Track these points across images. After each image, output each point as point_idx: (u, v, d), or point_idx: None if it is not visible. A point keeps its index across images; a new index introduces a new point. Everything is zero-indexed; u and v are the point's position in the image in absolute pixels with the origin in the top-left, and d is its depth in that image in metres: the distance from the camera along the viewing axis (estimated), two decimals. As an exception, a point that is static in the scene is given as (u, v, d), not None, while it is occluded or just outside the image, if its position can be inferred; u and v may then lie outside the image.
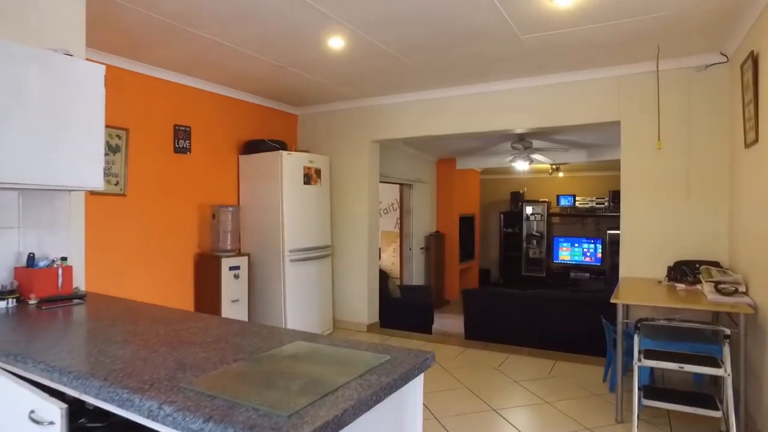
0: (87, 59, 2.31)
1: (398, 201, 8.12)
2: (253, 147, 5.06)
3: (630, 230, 4.16)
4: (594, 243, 9.58)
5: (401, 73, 4.38)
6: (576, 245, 9.76)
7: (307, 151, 5.28)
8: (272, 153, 4.84)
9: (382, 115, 5.32)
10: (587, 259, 9.64)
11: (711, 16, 3.11)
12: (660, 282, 3.76)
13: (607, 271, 9.09)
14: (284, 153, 4.78)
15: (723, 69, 3.73)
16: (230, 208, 4.68)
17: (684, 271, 3.64)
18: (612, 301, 3.09)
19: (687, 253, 3.89)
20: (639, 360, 2.82)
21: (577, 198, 9.67)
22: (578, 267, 9.67)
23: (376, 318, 5.61)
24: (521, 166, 7.05)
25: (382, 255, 9.98)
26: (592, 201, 9.49)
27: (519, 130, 4.91)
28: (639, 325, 2.86)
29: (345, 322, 5.54)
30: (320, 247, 5.15)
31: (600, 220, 9.61)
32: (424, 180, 8.34)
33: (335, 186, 5.58)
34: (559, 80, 4.37)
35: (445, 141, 7.11)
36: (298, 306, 4.89)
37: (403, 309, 6.03)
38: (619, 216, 9.25)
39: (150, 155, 4.25)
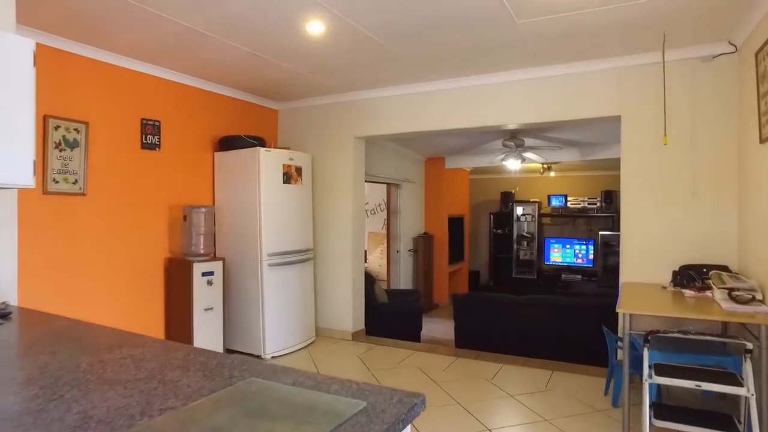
0: (39, 44, 1.97)
1: (385, 201, 7.82)
2: (229, 143, 4.71)
3: (631, 232, 3.89)
4: (586, 244, 9.36)
5: (386, 64, 4.07)
6: (567, 246, 9.53)
7: (287, 149, 4.95)
8: (249, 150, 4.50)
9: (367, 110, 5.01)
10: (579, 260, 9.41)
11: (721, 1, 2.86)
12: (665, 288, 3.50)
13: (599, 273, 8.87)
14: (262, 150, 4.44)
15: (731, 60, 3.48)
16: (203, 209, 4.33)
17: (691, 276, 3.38)
18: (618, 311, 2.81)
19: (692, 257, 3.64)
20: (650, 376, 2.55)
21: (568, 198, 9.45)
22: (570, 269, 9.45)
23: (361, 325, 5.29)
24: (513, 164, 6.79)
25: (369, 257, 9.67)
26: (583, 201, 9.27)
27: (512, 126, 4.63)
28: (649, 337, 2.59)
29: (328, 330, 5.22)
30: (301, 250, 4.82)
31: (592, 220, 9.40)
32: (412, 179, 8.04)
33: (318, 185, 5.26)
34: (555, 72, 4.10)
35: (433, 139, 6.82)
36: (278, 313, 4.56)
37: (390, 315, 5.72)
38: (611, 216, 9.11)
39: (114, 151, 3.90)
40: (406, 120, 4.81)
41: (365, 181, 6.06)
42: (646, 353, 2.59)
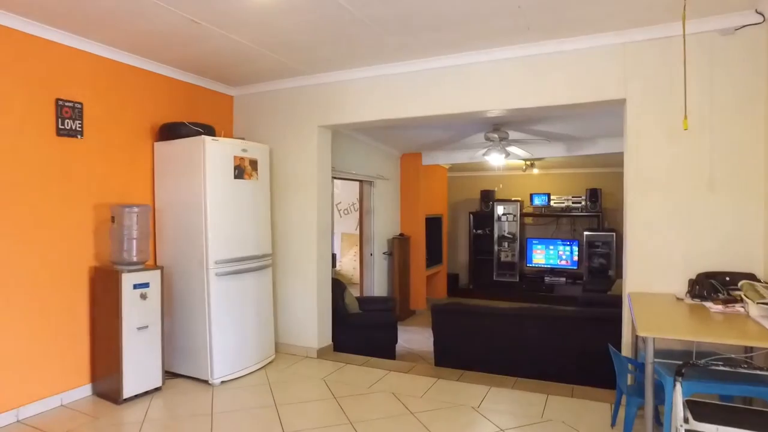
0: None
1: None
2: (171, 132, 4.02)
3: (636, 234, 3.35)
4: (570, 245, 8.91)
5: (352, 36, 3.44)
6: (551, 248, 9.07)
7: (242, 138, 4.29)
8: (193, 139, 3.82)
9: (333, 95, 4.37)
10: (563, 262, 8.96)
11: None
12: (680, 299, 2.98)
13: (584, 276, 8.42)
14: (207, 139, 3.76)
15: (758, 31, 2.98)
16: (135, 209, 3.63)
17: (714, 287, 2.87)
18: (641, 334, 2.25)
19: (710, 263, 3.12)
20: (686, 421, 1.99)
21: (551, 197, 8.98)
22: (553, 271, 8.99)
23: (328, 340, 4.66)
24: (496, 160, 6.23)
25: (342, 260, 9.03)
26: (567, 200, 8.82)
27: (497, 113, 4.06)
28: (683, 370, 2.03)
29: (290, 347, 4.57)
30: (257, 256, 4.15)
31: (576, 220, 8.96)
32: (386, 177, 7.43)
33: (277, 181, 4.60)
34: (551, 49, 3.54)
35: (409, 131, 6.23)
36: (229, 330, 3.88)
37: (362, 327, 5.09)
38: (596, 216, 8.65)
39: (17, 137, 3.17)
40: (376, 107, 4.19)
41: (335, 178, 5.44)
42: (678, 390, 2.02)
